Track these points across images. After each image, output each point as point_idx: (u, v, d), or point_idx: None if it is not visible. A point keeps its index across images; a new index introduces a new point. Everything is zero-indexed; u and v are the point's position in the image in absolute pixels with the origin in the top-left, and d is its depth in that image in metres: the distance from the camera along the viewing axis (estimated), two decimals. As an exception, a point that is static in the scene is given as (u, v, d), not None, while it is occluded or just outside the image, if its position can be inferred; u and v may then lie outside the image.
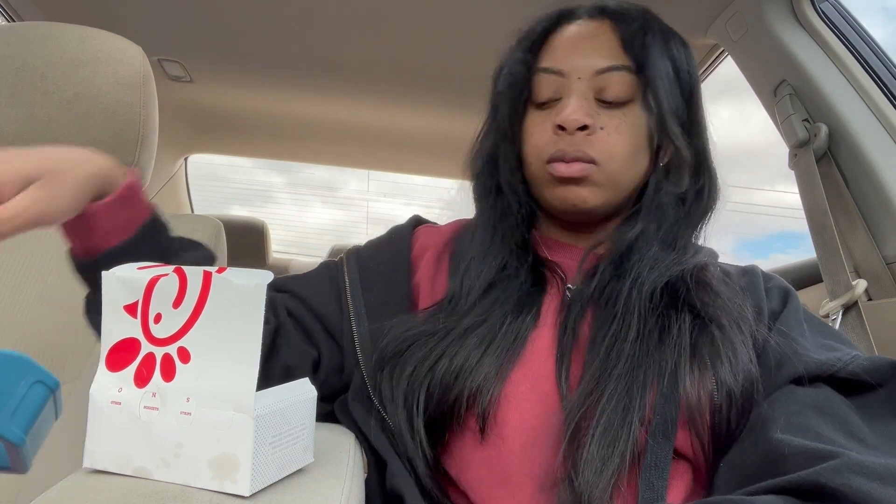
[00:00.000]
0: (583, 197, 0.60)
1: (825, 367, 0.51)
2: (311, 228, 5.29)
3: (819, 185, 1.00)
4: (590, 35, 0.62)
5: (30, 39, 0.86)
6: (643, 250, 0.59)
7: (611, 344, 0.54)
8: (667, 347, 0.53)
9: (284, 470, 0.40)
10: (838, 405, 0.49)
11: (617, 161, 0.59)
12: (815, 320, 0.60)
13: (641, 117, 0.60)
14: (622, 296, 0.57)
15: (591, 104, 0.60)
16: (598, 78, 0.60)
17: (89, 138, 0.85)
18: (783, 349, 0.54)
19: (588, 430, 0.49)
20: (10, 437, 0.34)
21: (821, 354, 0.52)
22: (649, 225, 0.61)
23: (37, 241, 0.81)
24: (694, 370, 0.52)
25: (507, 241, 0.64)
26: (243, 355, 0.37)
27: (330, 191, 4.99)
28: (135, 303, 0.40)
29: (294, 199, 5.08)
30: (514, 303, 0.60)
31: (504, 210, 0.65)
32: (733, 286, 0.60)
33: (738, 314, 0.56)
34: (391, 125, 1.88)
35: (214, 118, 1.94)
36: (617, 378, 0.51)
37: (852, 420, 0.47)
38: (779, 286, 0.63)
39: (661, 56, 0.60)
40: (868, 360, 0.50)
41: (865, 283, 0.92)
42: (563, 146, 0.59)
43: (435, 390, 0.55)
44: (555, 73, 0.61)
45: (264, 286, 0.37)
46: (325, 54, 1.46)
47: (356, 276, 0.67)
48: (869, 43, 1.04)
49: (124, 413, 0.38)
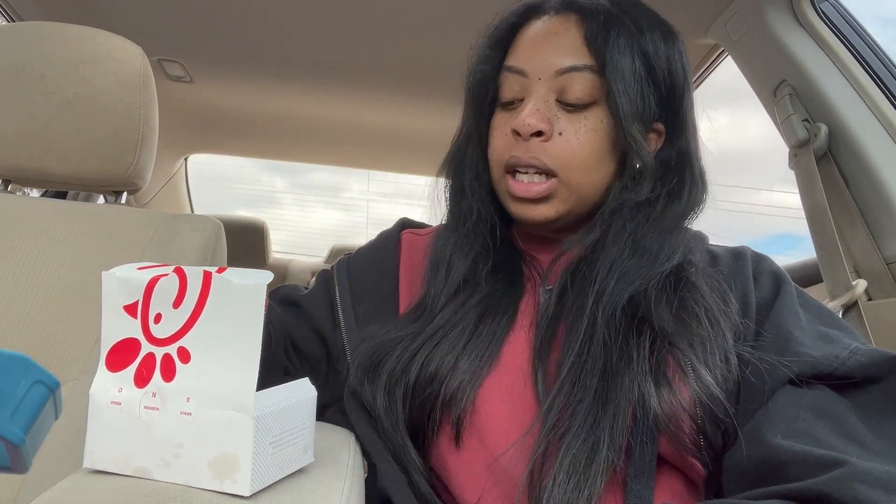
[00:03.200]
0: (543, 214, 0.58)
1: (822, 365, 0.49)
2: (314, 231, 5.30)
3: (819, 185, 1.00)
4: (553, 32, 0.58)
5: (30, 39, 0.86)
6: (605, 257, 0.56)
7: (576, 376, 0.51)
8: (629, 374, 0.50)
9: (285, 470, 0.40)
10: (836, 406, 0.48)
11: (576, 170, 0.56)
12: (812, 305, 0.57)
13: (605, 120, 0.57)
14: (585, 313, 0.53)
15: (551, 107, 0.57)
16: (560, 79, 0.57)
17: (89, 138, 0.85)
18: (779, 346, 0.52)
19: (550, 471, 0.47)
20: (10, 437, 0.34)
21: (818, 350, 0.50)
22: (610, 231, 0.57)
23: (37, 241, 0.81)
24: (661, 392, 0.49)
25: (475, 242, 0.62)
26: (243, 355, 0.37)
27: (332, 193, 5.00)
28: (135, 303, 0.40)
29: (297, 202, 5.08)
30: (488, 304, 0.59)
31: (469, 212, 0.64)
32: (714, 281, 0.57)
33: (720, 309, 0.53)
34: (391, 125, 1.88)
35: (214, 118, 1.94)
36: (584, 413, 0.49)
37: (850, 422, 0.46)
38: (770, 271, 0.59)
39: (626, 54, 0.56)
40: (866, 354, 0.49)
41: (865, 283, 0.92)
42: (518, 153, 0.57)
43: (409, 396, 0.55)
44: (517, 73, 0.59)
45: (264, 286, 0.37)
46: (326, 54, 1.46)
47: (346, 289, 0.67)
48: (869, 43, 1.03)
49: (124, 413, 0.38)
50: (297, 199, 5.34)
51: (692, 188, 0.60)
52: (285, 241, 5.56)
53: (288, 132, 2.00)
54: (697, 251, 0.61)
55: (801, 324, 0.54)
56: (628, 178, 0.58)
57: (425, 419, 0.55)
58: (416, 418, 0.55)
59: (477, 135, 0.63)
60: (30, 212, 0.84)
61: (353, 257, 0.71)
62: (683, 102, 0.60)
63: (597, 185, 0.58)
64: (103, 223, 0.85)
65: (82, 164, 0.86)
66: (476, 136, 0.64)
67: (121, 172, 0.88)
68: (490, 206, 0.63)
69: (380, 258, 0.70)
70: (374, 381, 0.57)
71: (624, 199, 0.58)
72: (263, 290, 0.37)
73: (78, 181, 0.89)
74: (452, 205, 0.67)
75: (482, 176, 0.63)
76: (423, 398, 0.55)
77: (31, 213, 0.84)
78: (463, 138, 0.66)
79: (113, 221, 0.86)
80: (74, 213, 0.85)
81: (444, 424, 0.55)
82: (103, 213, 0.87)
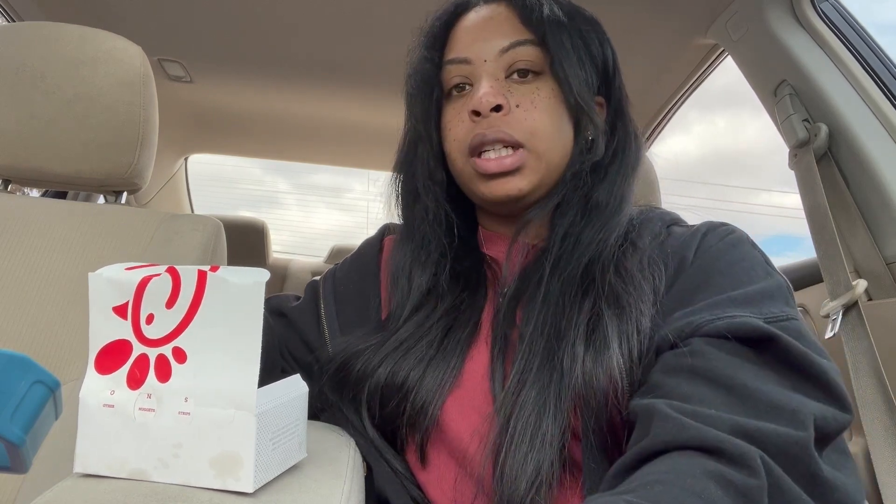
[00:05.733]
0: (516, 186, 0.58)
1: (691, 326, 0.47)
2: (316, 232, 5.30)
3: (819, 185, 1.00)
4: (488, 17, 0.61)
5: (30, 39, 0.86)
6: (560, 226, 0.58)
7: (528, 348, 0.52)
8: (569, 336, 0.50)
9: (283, 465, 0.40)
10: (714, 359, 0.45)
11: (542, 138, 0.58)
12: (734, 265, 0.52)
13: (555, 89, 0.59)
14: (542, 286, 0.55)
15: (503, 84, 0.59)
16: (505, 56, 0.59)
17: (89, 138, 0.85)
18: (664, 316, 0.50)
19: (502, 444, 0.48)
20: (10, 437, 0.34)
21: (696, 315, 0.48)
22: (566, 197, 0.59)
23: (37, 241, 0.81)
24: (587, 357, 0.49)
25: (433, 250, 0.62)
26: (243, 354, 0.37)
27: (334, 194, 5.00)
28: (125, 304, 0.39)
29: (299, 202, 5.09)
30: (454, 317, 0.59)
31: (424, 213, 0.63)
32: (653, 258, 0.55)
33: (650, 298, 0.52)
34: (391, 125, 1.87)
35: (214, 118, 1.94)
36: (531, 384, 0.50)
37: (736, 375, 0.43)
38: (719, 233, 0.56)
39: (563, 28, 0.59)
40: (739, 323, 0.46)
41: (865, 283, 0.92)
42: (481, 129, 0.58)
43: (376, 405, 0.55)
44: (461, 63, 0.60)
45: (262, 284, 0.37)
46: (326, 54, 1.46)
47: (332, 299, 0.68)
48: (869, 43, 1.04)
49: (118, 416, 0.38)
50: (299, 200, 5.35)
51: (635, 148, 0.63)
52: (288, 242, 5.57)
53: (288, 132, 2.00)
54: (653, 230, 0.59)
55: (709, 285, 0.51)
56: (583, 142, 0.60)
57: (394, 432, 0.56)
58: (387, 429, 0.56)
59: (426, 133, 0.63)
60: (30, 212, 0.84)
61: (339, 267, 0.72)
62: (616, 79, 0.64)
63: (560, 151, 0.60)
64: (103, 223, 0.85)
65: (82, 164, 0.86)
66: (425, 133, 0.64)
67: (121, 172, 0.88)
68: (446, 204, 0.63)
69: (362, 265, 0.70)
70: (341, 388, 0.58)
71: (583, 160, 0.59)
72: (262, 288, 0.37)
73: (78, 181, 0.89)
74: (405, 210, 0.67)
75: (436, 174, 0.63)
76: (389, 409, 0.55)
77: (31, 213, 0.84)
78: (409, 141, 0.66)
79: (113, 221, 0.86)
80: (74, 213, 0.85)
81: (410, 444, 0.56)
82: (103, 213, 0.87)
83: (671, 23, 1.23)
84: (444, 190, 0.64)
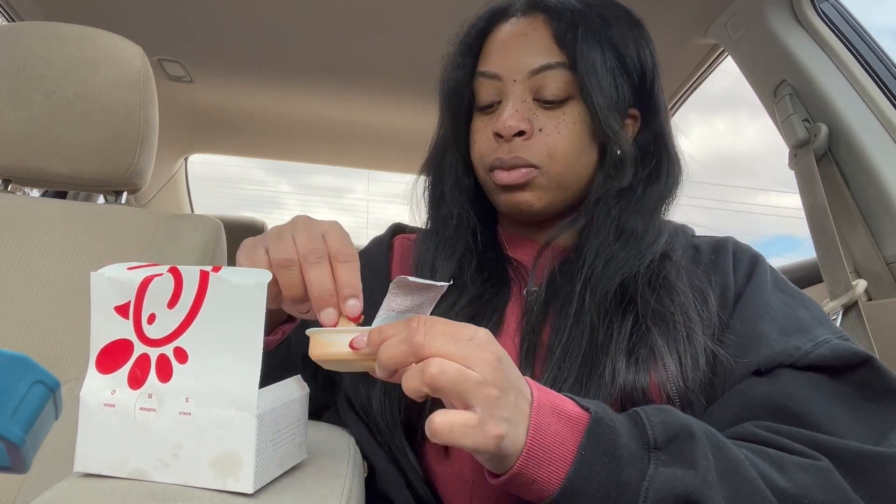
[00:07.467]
0: (527, 201, 0.59)
1: (782, 357, 0.49)
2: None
3: (819, 185, 1.00)
4: (522, 34, 0.60)
5: (30, 39, 0.86)
6: (591, 244, 0.58)
7: (562, 357, 0.52)
8: (610, 352, 0.51)
9: (283, 466, 0.40)
10: (795, 397, 0.47)
11: (558, 162, 0.58)
12: (790, 291, 0.57)
13: (582, 113, 0.59)
14: (574, 300, 0.55)
15: (529, 106, 0.59)
16: (534, 78, 0.58)
17: (89, 138, 0.85)
18: (743, 338, 0.52)
19: None
20: (10, 437, 0.34)
21: (779, 343, 0.50)
22: (595, 218, 0.59)
23: (37, 241, 0.81)
24: (629, 371, 0.50)
25: (458, 244, 0.63)
26: (244, 354, 0.37)
27: (336, 195, 5.01)
28: (126, 303, 0.39)
29: (301, 203, 5.10)
30: (476, 308, 0.59)
31: (449, 217, 0.64)
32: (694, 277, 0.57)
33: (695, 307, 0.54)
34: (391, 125, 1.88)
35: (214, 118, 1.94)
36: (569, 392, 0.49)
37: (809, 412, 0.46)
38: (746, 261, 0.59)
39: (595, 47, 0.58)
40: (831, 348, 0.49)
41: (865, 283, 0.92)
42: (501, 154, 0.59)
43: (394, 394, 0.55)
44: (492, 77, 0.60)
45: (265, 285, 0.37)
46: (326, 54, 1.46)
47: None
48: (869, 43, 1.04)
49: (118, 415, 0.38)
50: (301, 201, 5.36)
51: (670, 169, 0.62)
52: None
53: (288, 132, 2.00)
54: (681, 244, 0.61)
55: (771, 312, 0.53)
56: (610, 167, 0.60)
57: (419, 419, 0.55)
58: (413, 418, 0.55)
59: (454, 140, 0.65)
60: (30, 212, 0.84)
61: None
62: (655, 87, 0.62)
63: (579, 175, 0.60)
64: (103, 223, 0.85)
65: (82, 164, 0.86)
66: (454, 141, 0.65)
67: (121, 172, 0.88)
68: (470, 210, 0.64)
69: (370, 262, 0.70)
70: (368, 382, 0.57)
71: (607, 187, 0.59)
72: (264, 289, 0.37)
73: (78, 181, 0.89)
74: (432, 211, 0.68)
75: (462, 181, 0.65)
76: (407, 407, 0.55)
77: (31, 213, 0.84)
78: (441, 143, 0.67)
79: (113, 221, 0.86)
80: (74, 213, 0.85)
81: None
82: (103, 213, 0.87)
83: (671, 22, 1.23)
84: (470, 197, 0.65)
